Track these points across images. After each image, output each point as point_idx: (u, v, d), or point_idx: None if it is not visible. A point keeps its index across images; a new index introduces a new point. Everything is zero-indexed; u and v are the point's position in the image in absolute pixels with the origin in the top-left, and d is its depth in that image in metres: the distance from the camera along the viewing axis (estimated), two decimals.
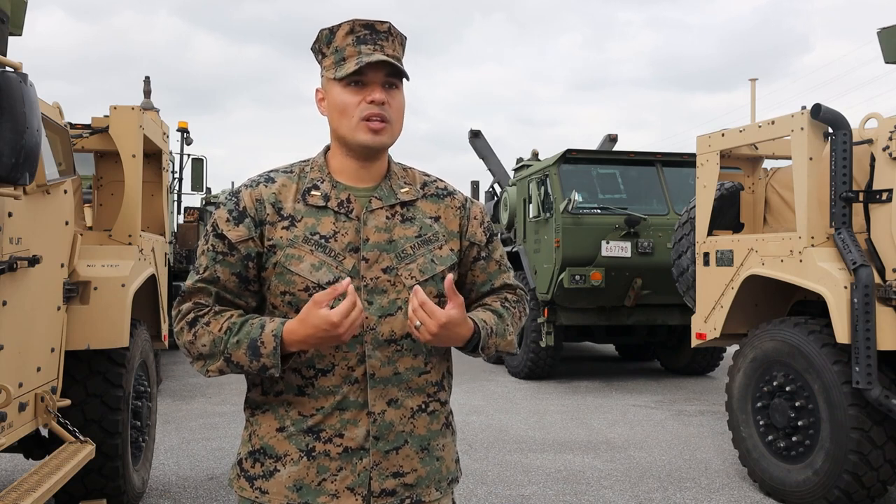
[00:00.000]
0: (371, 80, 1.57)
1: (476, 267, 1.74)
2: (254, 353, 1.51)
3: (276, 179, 1.64)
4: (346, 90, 1.58)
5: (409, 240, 1.63)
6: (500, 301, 1.75)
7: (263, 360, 1.51)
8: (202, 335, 1.56)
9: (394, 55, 1.59)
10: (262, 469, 1.61)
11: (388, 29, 1.59)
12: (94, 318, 3.89)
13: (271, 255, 1.59)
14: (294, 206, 1.61)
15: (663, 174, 9.10)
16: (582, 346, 12.81)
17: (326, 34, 1.61)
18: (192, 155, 10.75)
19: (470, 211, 1.74)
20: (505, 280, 1.78)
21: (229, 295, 1.61)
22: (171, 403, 7.70)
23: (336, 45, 1.59)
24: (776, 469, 4.74)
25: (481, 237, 1.74)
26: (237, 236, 1.59)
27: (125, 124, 4.44)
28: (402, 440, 1.61)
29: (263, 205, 1.60)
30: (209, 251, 1.61)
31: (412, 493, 1.63)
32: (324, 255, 1.58)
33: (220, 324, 1.56)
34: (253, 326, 1.54)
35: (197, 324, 1.57)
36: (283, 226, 1.59)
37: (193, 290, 1.60)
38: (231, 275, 1.60)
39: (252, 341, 1.52)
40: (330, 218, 1.60)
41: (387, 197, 1.65)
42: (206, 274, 1.60)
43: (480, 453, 5.80)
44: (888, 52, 5.00)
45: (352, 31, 1.58)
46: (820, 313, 4.64)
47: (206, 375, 1.61)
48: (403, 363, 1.60)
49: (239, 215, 1.60)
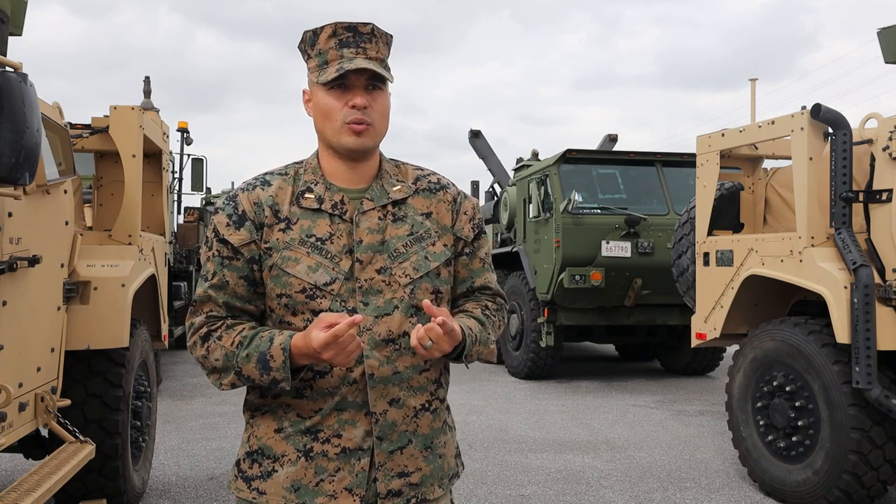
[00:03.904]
0: (353, 84, 1.57)
1: (459, 262, 1.73)
2: (263, 366, 1.52)
3: (272, 182, 1.64)
4: (330, 94, 1.58)
5: (400, 239, 1.63)
6: (480, 308, 1.74)
7: (273, 374, 1.52)
8: (214, 349, 1.57)
9: (377, 57, 1.59)
10: (260, 469, 1.62)
11: (372, 30, 1.59)
12: (94, 318, 3.89)
13: (267, 258, 1.59)
14: (290, 208, 1.62)
15: (663, 174, 9.10)
16: (582, 346, 12.81)
17: (310, 36, 1.61)
18: (192, 155, 10.74)
19: (461, 205, 1.73)
20: (487, 281, 1.77)
21: (239, 301, 1.61)
22: (171, 403, 7.70)
23: (319, 48, 1.59)
24: (776, 469, 4.74)
25: (468, 233, 1.73)
26: (239, 240, 1.60)
27: (125, 124, 4.44)
28: (406, 440, 1.61)
29: (262, 208, 1.61)
30: (215, 257, 1.61)
31: (417, 493, 1.63)
32: (320, 256, 1.58)
33: (231, 338, 1.56)
34: (262, 340, 1.54)
35: (210, 338, 1.58)
36: (279, 228, 1.60)
37: (205, 298, 1.61)
38: (239, 278, 1.60)
39: (261, 355, 1.52)
40: (325, 220, 1.61)
41: (378, 197, 1.65)
42: (215, 280, 1.60)
43: (480, 453, 5.79)
44: (888, 52, 5.01)
45: (334, 33, 1.58)
46: (820, 313, 4.64)
47: (220, 389, 1.61)
48: (403, 362, 1.60)
49: (239, 219, 1.60)
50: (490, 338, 1.71)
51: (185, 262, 10.32)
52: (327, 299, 1.57)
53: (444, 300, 1.68)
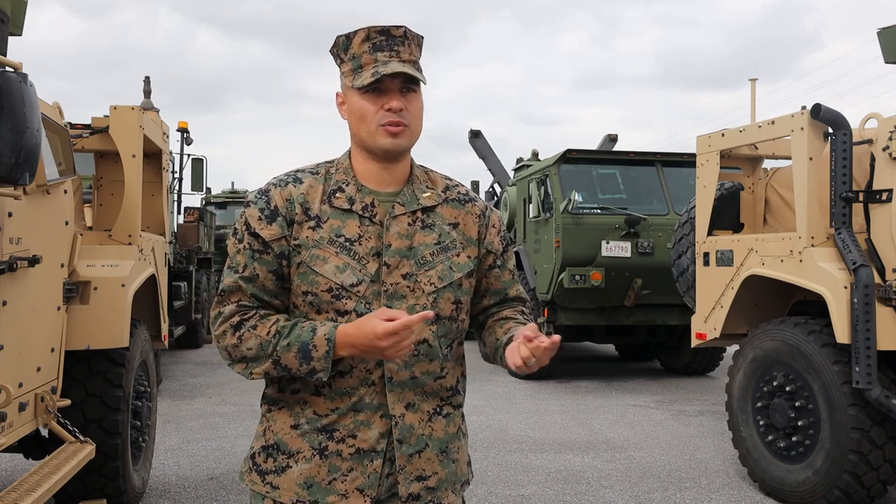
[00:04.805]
0: (388, 88, 1.59)
1: (491, 275, 1.76)
2: (305, 356, 1.52)
3: (304, 180, 1.65)
4: (365, 97, 1.60)
5: (428, 247, 1.64)
6: (520, 314, 1.80)
7: (314, 364, 1.52)
8: (248, 338, 1.57)
9: (410, 59, 1.60)
10: (275, 464, 1.63)
11: (405, 33, 1.61)
12: (94, 318, 3.89)
13: (296, 255, 1.60)
14: (320, 207, 1.63)
15: (663, 174, 9.10)
16: (582, 346, 12.81)
17: (343, 41, 1.62)
18: (192, 155, 10.74)
19: (489, 219, 1.76)
20: (518, 291, 1.83)
21: (266, 295, 1.61)
22: (171, 403, 7.70)
23: (353, 52, 1.61)
24: (776, 469, 4.74)
25: (498, 246, 1.77)
26: (270, 234, 1.60)
27: (125, 124, 4.44)
28: (423, 443, 1.63)
29: (293, 204, 1.62)
30: (245, 249, 1.61)
31: (434, 497, 1.65)
32: (348, 257, 1.59)
33: (266, 327, 1.56)
34: (304, 330, 1.55)
35: (242, 327, 1.58)
36: (309, 226, 1.61)
37: (234, 287, 1.60)
38: (269, 272, 1.60)
39: (303, 344, 1.53)
40: (355, 221, 1.62)
41: (409, 202, 1.66)
42: (245, 272, 1.60)
43: (480, 453, 5.79)
44: (888, 52, 5.01)
45: (368, 37, 1.59)
46: (820, 313, 4.64)
47: (248, 378, 1.61)
48: (420, 367, 1.62)
49: (271, 214, 1.61)
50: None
51: (185, 262, 10.31)
52: (352, 300, 1.58)
53: (464, 310, 1.70)
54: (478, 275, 1.75)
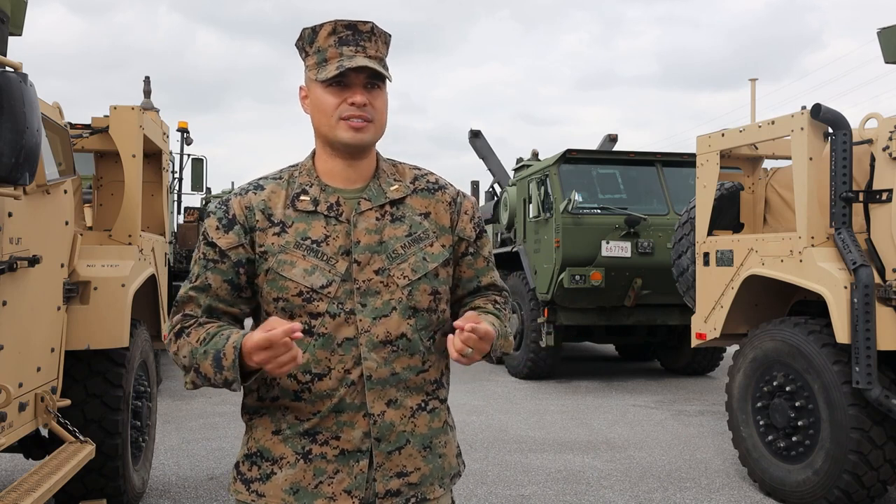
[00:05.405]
0: (352, 82, 1.57)
1: (463, 262, 1.73)
2: (217, 365, 1.49)
3: (266, 186, 1.64)
4: (328, 91, 1.58)
5: (399, 240, 1.62)
6: (491, 304, 1.75)
7: (225, 374, 1.47)
8: (183, 346, 1.56)
9: (376, 55, 1.59)
10: (259, 472, 1.61)
11: (371, 29, 1.59)
12: (94, 318, 3.89)
13: (263, 262, 1.59)
14: (284, 211, 1.61)
15: (663, 174, 9.10)
16: (582, 346, 12.81)
17: (309, 33, 1.61)
18: (192, 155, 10.75)
19: (461, 206, 1.73)
20: (492, 278, 1.78)
21: (222, 304, 1.61)
22: (171, 403, 7.70)
23: (318, 46, 1.59)
24: (776, 469, 4.74)
25: (470, 233, 1.73)
26: (227, 243, 1.60)
27: (125, 124, 4.44)
28: (404, 440, 1.61)
29: (253, 212, 1.61)
30: (200, 259, 1.62)
31: (417, 492, 1.63)
32: (316, 259, 1.58)
33: (198, 334, 1.54)
34: (221, 337, 1.51)
35: (181, 335, 1.57)
36: (273, 232, 1.59)
37: (186, 299, 1.61)
38: (223, 282, 1.60)
39: (216, 353, 1.49)
40: (320, 222, 1.60)
41: (376, 197, 1.64)
42: (197, 282, 1.60)
43: (480, 453, 5.79)
44: (888, 52, 5.01)
45: (334, 31, 1.58)
46: (820, 313, 4.64)
47: (185, 388, 1.60)
48: (400, 363, 1.60)
49: (228, 223, 1.61)
50: (508, 330, 1.72)
51: (185, 262, 10.31)
52: (324, 302, 1.56)
53: (443, 300, 1.68)
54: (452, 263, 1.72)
